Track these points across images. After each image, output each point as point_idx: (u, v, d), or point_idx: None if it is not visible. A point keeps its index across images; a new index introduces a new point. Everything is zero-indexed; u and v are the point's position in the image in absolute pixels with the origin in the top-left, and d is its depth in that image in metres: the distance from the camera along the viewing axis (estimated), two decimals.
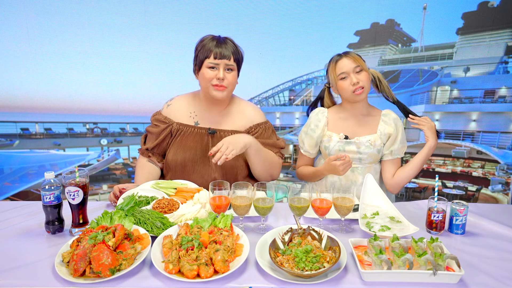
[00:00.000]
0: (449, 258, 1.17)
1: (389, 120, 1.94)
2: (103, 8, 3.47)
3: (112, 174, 4.14)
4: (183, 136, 1.92)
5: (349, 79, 1.82)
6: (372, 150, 1.91)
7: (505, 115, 3.73)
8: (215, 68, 1.78)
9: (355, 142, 1.92)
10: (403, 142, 1.95)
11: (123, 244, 1.22)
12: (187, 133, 1.92)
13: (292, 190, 1.49)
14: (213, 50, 1.76)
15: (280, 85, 3.94)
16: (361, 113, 1.96)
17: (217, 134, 1.91)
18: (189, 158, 1.91)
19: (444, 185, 4.02)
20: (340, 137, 1.93)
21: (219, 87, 1.79)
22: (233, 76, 1.82)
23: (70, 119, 3.85)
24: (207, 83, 1.81)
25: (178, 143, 1.92)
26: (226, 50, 1.77)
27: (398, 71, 3.83)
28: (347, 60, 1.83)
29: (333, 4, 3.55)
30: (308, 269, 1.13)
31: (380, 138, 1.93)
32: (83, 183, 1.45)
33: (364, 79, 1.83)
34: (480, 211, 1.71)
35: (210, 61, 1.77)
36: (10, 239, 1.39)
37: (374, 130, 1.95)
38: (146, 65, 3.64)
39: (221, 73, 1.77)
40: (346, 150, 1.93)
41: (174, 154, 1.91)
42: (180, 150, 1.91)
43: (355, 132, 1.95)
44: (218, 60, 1.76)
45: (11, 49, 3.47)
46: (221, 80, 1.78)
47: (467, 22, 3.53)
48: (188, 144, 1.91)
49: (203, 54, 1.79)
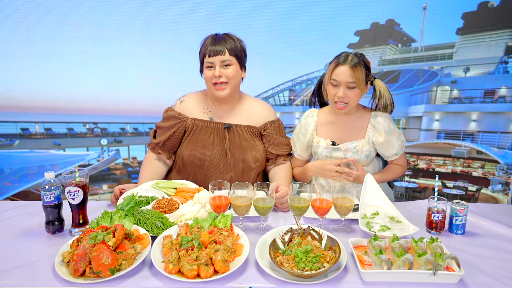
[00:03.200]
0: (449, 258, 1.17)
1: (378, 125, 1.86)
2: (103, 8, 3.47)
3: (112, 174, 4.13)
4: (200, 131, 1.90)
5: (338, 89, 1.75)
6: (359, 156, 1.87)
7: (505, 115, 3.73)
8: (212, 67, 1.78)
9: (342, 149, 1.88)
10: (400, 138, 1.88)
11: (123, 244, 1.22)
12: (204, 127, 1.90)
13: (292, 190, 1.49)
14: (208, 49, 1.76)
15: (280, 85, 3.94)
16: (349, 118, 1.90)
17: (233, 129, 1.91)
18: (207, 153, 1.88)
19: (444, 185, 4.02)
20: (327, 144, 1.90)
21: (219, 85, 1.79)
22: (232, 70, 1.79)
23: (70, 119, 3.85)
24: (208, 83, 1.82)
25: (195, 138, 1.90)
26: (220, 46, 1.76)
27: (398, 71, 3.83)
28: (346, 70, 1.71)
29: (333, 4, 3.55)
30: (308, 269, 1.13)
31: (368, 144, 1.87)
32: (83, 183, 1.45)
33: (352, 96, 1.74)
34: (480, 211, 1.71)
35: (206, 60, 1.78)
36: (10, 239, 1.40)
37: (362, 135, 1.89)
38: (146, 65, 3.63)
39: (217, 71, 1.76)
40: (333, 156, 1.90)
41: (192, 150, 1.89)
42: (198, 145, 1.89)
43: (343, 137, 1.90)
44: (213, 57, 1.76)
45: (11, 49, 3.46)
46: (218, 78, 1.77)
47: (467, 22, 3.53)
48: (206, 139, 1.89)
49: (202, 54, 1.80)
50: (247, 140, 1.92)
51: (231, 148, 1.90)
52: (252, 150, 1.91)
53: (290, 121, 4.18)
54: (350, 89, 1.74)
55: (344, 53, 1.77)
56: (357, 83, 1.71)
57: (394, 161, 1.94)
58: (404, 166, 1.97)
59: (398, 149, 1.88)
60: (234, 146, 1.90)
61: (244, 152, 1.90)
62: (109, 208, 1.72)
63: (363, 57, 1.76)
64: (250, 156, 1.90)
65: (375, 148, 1.90)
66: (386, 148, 1.87)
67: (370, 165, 1.95)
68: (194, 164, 1.90)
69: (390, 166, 1.97)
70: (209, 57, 1.76)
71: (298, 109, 4.13)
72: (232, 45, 1.79)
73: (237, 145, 1.90)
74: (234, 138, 1.91)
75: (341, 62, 1.73)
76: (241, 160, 1.90)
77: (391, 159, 1.93)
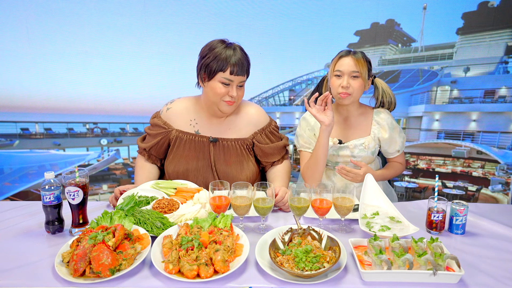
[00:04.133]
0: (449, 258, 1.17)
1: (382, 121, 1.89)
2: (103, 8, 3.47)
3: (112, 174, 4.14)
4: (184, 145, 1.85)
5: (342, 79, 1.76)
6: (366, 153, 1.88)
7: (505, 115, 3.73)
8: (229, 85, 1.69)
9: (349, 147, 1.89)
10: (401, 135, 1.92)
11: (123, 244, 1.22)
12: (188, 141, 1.85)
13: (292, 190, 1.49)
14: (230, 64, 1.65)
15: (280, 85, 3.94)
16: (353, 115, 1.91)
17: (219, 143, 1.85)
18: (191, 168, 1.86)
19: (444, 185, 4.02)
20: (334, 142, 1.90)
21: (230, 102, 1.74)
22: (243, 91, 1.76)
23: (70, 119, 3.85)
24: (218, 98, 1.72)
25: (180, 153, 1.85)
26: (242, 65, 1.68)
27: (398, 71, 3.83)
28: (349, 60, 1.75)
29: (333, 4, 3.55)
30: (308, 269, 1.13)
31: (374, 140, 1.89)
32: (83, 183, 1.45)
33: (356, 86, 1.75)
34: (480, 211, 1.71)
35: (225, 76, 1.67)
36: (10, 239, 1.39)
37: (367, 132, 1.91)
38: (146, 65, 3.64)
39: (234, 91, 1.69)
40: (340, 154, 1.90)
41: (176, 166, 1.86)
42: (182, 160, 1.85)
43: (348, 135, 1.91)
44: (234, 76, 1.67)
45: (11, 49, 3.47)
46: (233, 97, 1.72)
47: (467, 22, 3.53)
48: (190, 154, 1.85)
49: (218, 65, 1.66)
50: (233, 156, 1.86)
51: (216, 164, 1.85)
52: (239, 166, 1.86)
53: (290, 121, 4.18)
54: (354, 78, 1.75)
55: (346, 49, 1.81)
56: (361, 73, 1.74)
57: (394, 159, 1.96)
58: (404, 164, 1.99)
59: (401, 145, 1.92)
60: (219, 162, 1.85)
61: (229, 168, 1.86)
62: (109, 208, 1.71)
63: (364, 54, 1.81)
64: (236, 172, 1.86)
65: (379, 145, 1.92)
66: (390, 144, 1.90)
67: (373, 162, 1.96)
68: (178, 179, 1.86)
69: (391, 164, 1.99)
70: (230, 75, 1.66)
71: (298, 109, 4.13)
72: (248, 65, 1.73)
73: (222, 160, 1.85)
74: (219, 154, 1.85)
75: (344, 55, 1.78)
76: (227, 177, 1.85)
77: (393, 156, 1.94)
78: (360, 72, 1.74)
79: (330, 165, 1.97)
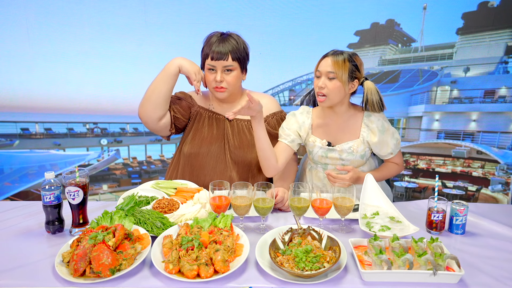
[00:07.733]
0: (449, 258, 1.17)
1: (372, 124, 1.82)
2: (103, 8, 3.47)
3: (112, 174, 4.14)
4: (203, 122, 1.91)
5: (320, 80, 1.72)
6: (354, 156, 1.84)
7: (505, 115, 3.73)
8: (214, 70, 1.76)
9: (337, 150, 1.86)
10: (395, 137, 1.85)
11: (123, 244, 1.22)
12: (206, 117, 1.92)
13: (292, 190, 1.49)
14: (211, 50, 1.72)
15: (280, 85, 3.94)
16: (342, 118, 1.86)
17: (234, 122, 1.92)
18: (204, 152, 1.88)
19: (444, 185, 4.02)
20: (323, 144, 1.87)
21: (219, 89, 1.79)
22: (232, 77, 1.77)
23: (70, 119, 3.85)
24: (210, 86, 1.82)
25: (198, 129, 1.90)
26: (223, 49, 1.71)
27: (398, 71, 3.83)
28: (328, 61, 1.69)
29: (333, 4, 3.55)
30: (308, 269, 1.13)
31: (363, 144, 1.84)
32: (83, 183, 1.45)
33: (331, 87, 1.68)
34: (480, 211, 1.71)
35: (208, 62, 1.75)
36: (10, 239, 1.40)
37: (356, 134, 1.85)
38: (146, 65, 3.63)
39: (218, 76, 1.75)
40: (329, 156, 1.87)
41: (191, 146, 1.89)
42: (197, 140, 1.89)
43: (338, 138, 1.87)
44: (215, 61, 1.73)
45: (11, 49, 3.47)
46: (219, 83, 1.76)
47: (467, 22, 3.53)
48: (207, 133, 1.89)
49: (205, 54, 1.77)
50: (246, 136, 1.91)
51: (230, 146, 1.89)
52: (252, 148, 1.89)
53: None
54: (330, 80, 1.70)
55: (333, 49, 1.76)
56: (337, 74, 1.68)
57: (390, 160, 1.93)
58: (401, 165, 1.94)
59: (393, 147, 1.85)
60: (233, 145, 1.89)
61: (242, 151, 1.88)
62: (109, 208, 1.71)
63: (352, 55, 1.73)
64: (249, 154, 1.89)
65: (370, 148, 1.89)
66: (381, 148, 1.85)
67: (366, 164, 1.93)
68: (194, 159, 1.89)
69: (386, 164, 1.94)
70: (211, 60, 1.73)
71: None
72: (235, 49, 1.74)
73: (236, 142, 1.89)
74: (233, 134, 1.90)
75: (326, 55, 1.74)
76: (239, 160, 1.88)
77: (387, 158, 1.91)
78: (336, 73, 1.68)
79: (320, 167, 1.95)
